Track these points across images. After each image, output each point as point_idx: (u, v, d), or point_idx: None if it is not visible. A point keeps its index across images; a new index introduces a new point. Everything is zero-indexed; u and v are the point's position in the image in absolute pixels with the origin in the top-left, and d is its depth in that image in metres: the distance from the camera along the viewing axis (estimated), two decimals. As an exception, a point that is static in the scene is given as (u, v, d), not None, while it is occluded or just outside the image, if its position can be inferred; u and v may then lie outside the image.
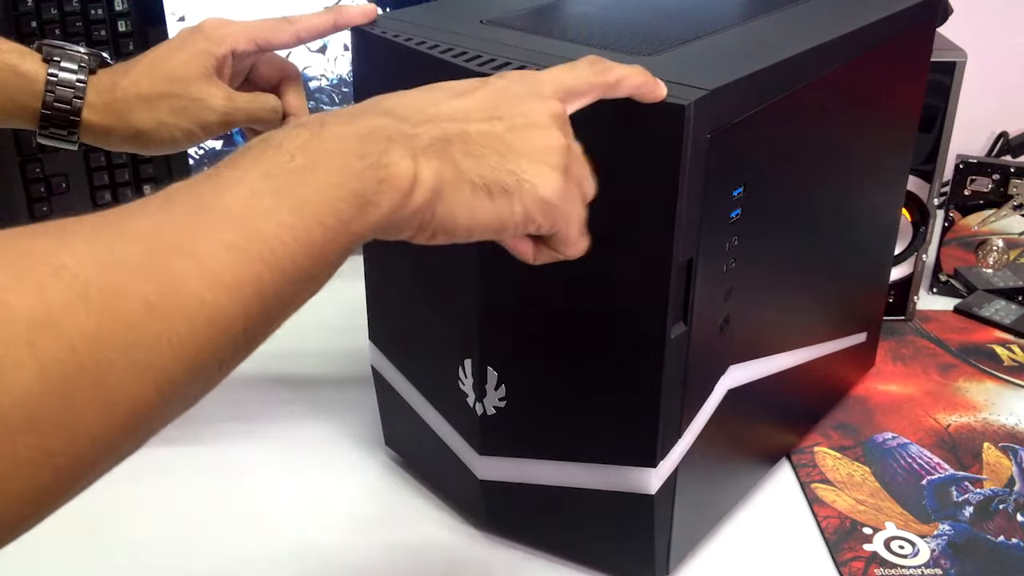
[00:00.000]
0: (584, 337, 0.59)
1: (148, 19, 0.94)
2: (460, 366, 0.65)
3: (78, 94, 0.66)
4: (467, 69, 0.56)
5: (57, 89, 0.65)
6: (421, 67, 0.60)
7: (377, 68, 0.66)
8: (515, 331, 0.62)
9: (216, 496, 0.74)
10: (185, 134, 0.67)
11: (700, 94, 0.51)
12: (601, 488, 0.63)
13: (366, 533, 0.71)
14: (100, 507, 0.70)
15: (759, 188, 0.60)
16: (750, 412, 0.70)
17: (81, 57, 0.67)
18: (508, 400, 0.63)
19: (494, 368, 0.63)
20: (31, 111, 0.66)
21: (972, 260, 1.03)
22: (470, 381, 0.64)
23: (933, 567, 0.68)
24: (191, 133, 0.67)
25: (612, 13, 0.67)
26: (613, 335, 0.58)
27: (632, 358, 0.58)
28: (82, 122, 0.66)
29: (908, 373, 0.90)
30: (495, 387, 0.63)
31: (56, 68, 0.66)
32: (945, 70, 0.87)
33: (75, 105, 0.66)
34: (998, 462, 0.78)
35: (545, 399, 0.63)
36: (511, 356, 0.62)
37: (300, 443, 0.80)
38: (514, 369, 0.62)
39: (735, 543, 0.70)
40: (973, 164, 1.00)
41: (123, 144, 0.68)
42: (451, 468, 0.69)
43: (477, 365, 0.63)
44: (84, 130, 0.67)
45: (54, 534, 0.67)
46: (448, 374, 0.66)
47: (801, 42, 0.60)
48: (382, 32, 0.63)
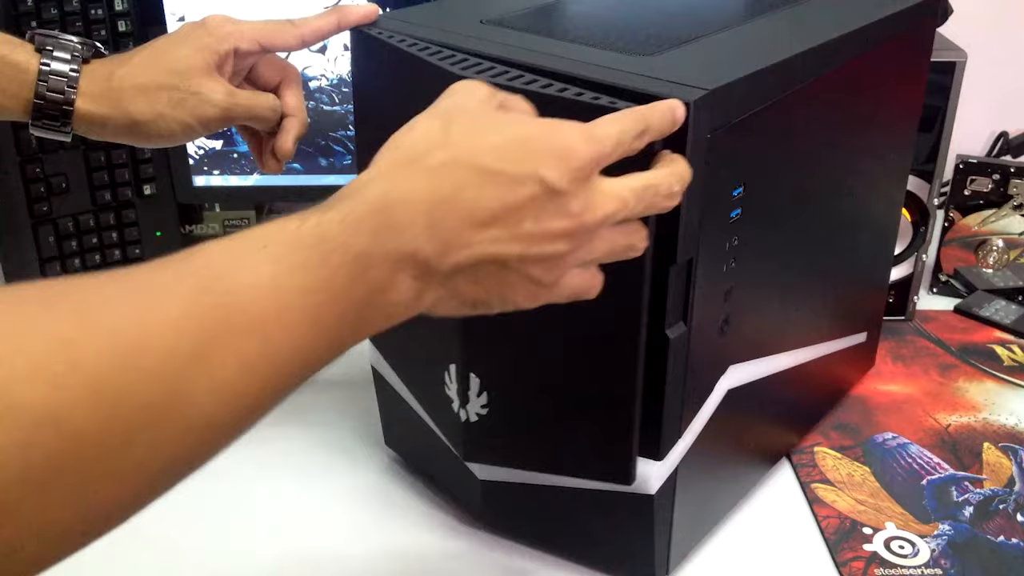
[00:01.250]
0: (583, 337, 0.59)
1: (148, 19, 0.94)
2: (446, 371, 0.65)
3: (71, 83, 0.65)
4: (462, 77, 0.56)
5: (50, 79, 0.64)
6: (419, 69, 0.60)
7: (376, 69, 0.66)
8: (499, 336, 0.61)
9: (216, 496, 0.74)
10: (183, 127, 0.66)
11: (700, 94, 0.51)
12: (601, 488, 0.62)
13: (366, 533, 0.71)
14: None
15: (759, 188, 0.60)
16: (750, 412, 0.70)
17: (74, 47, 0.66)
18: (490, 407, 0.63)
19: (476, 374, 0.63)
20: (23, 102, 0.65)
21: (972, 260, 1.03)
22: (454, 387, 0.65)
23: (933, 567, 0.68)
24: (188, 127, 0.66)
25: (612, 13, 0.67)
26: (613, 335, 0.58)
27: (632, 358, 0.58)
28: (76, 111, 0.65)
29: (908, 373, 0.90)
30: (477, 394, 0.63)
31: (48, 57, 0.65)
32: (945, 70, 0.87)
33: (68, 94, 0.65)
34: (998, 462, 0.78)
35: (530, 406, 0.63)
36: (494, 362, 0.62)
37: (300, 443, 0.80)
38: (497, 375, 0.62)
39: (735, 543, 0.70)
40: (973, 164, 1.00)
41: (118, 135, 0.67)
42: (451, 468, 0.69)
43: (460, 370, 0.63)
44: (78, 120, 0.66)
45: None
46: (436, 378, 0.66)
47: (801, 42, 0.60)
48: (378, 33, 0.63)
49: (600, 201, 0.45)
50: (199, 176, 1.00)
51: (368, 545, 0.70)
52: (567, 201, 0.44)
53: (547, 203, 0.44)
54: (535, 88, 0.53)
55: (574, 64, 0.55)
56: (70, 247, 0.98)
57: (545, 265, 0.45)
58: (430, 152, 0.44)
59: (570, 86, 0.53)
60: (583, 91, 0.52)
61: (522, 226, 0.44)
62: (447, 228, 0.43)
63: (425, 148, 0.44)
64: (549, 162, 0.44)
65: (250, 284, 0.39)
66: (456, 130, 0.45)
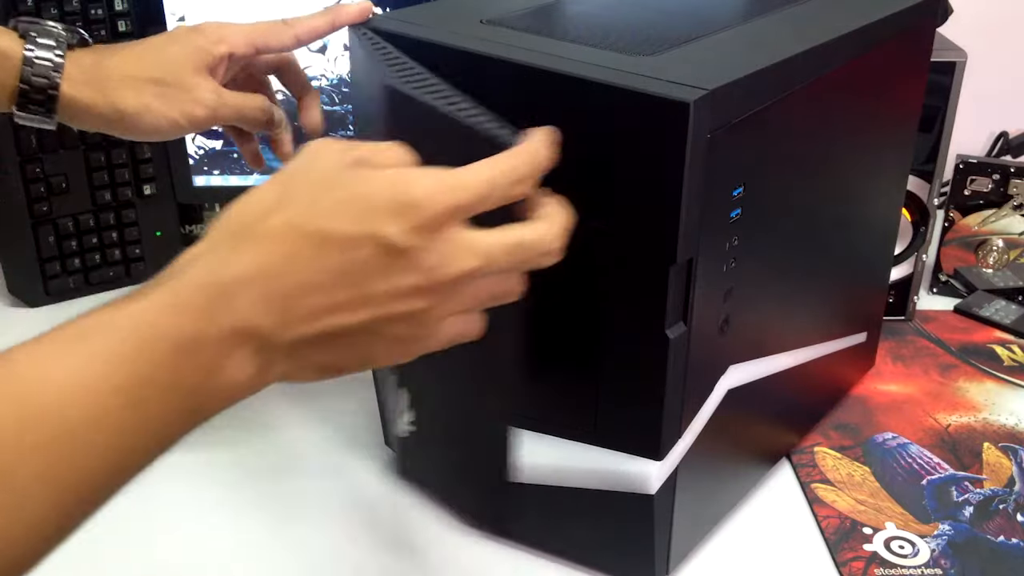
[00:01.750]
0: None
1: (148, 19, 0.94)
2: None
3: (57, 68, 0.64)
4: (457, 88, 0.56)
5: (35, 63, 0.64)
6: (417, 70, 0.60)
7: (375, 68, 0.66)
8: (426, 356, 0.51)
9: (216, 496, 0.74)
10: (170, 123, 0.66)
11: (701, 94, 0.51)
12: (601, 488, 0.63)
13: (366, 533, 0.71)
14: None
15: (759, 188, 0.60)
16: (750, 412, 0.70)
17: (58, 33, 0.65)
18: (416, 425, 0.64)
19: (408, 390, 0.63)
20: (9, 88, 0.64)
21: (972, 260, 1.03)
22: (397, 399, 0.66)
23: (933, 567, 0.68)
24: (176, 123, 0.66)
25: (612, 13, 0.67)
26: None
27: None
28: (61, 96, 0.64)
29: (908, 373, 0.90)
30: (408, 407, 0.64)
31: (33, 44, 0.64)
32: (945, 70, 0.87)
33: (53, 79, 0.64)
34: (998, 462, 0.78)
35: (448, 427, 0.62)
36: (419, 379, 0.62)
37: (300, 443, 0.80)
38: (421, 394, 0.61)
39: (735, 543, 0.70)
40: (973, 164, 1.00)
41: (103, 124, 0.66)
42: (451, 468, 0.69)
43: (397, 383, 0.65)
44: (63, 106, 0.65)
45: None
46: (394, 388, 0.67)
47: (801, 42, 0.60)
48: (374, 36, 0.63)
49: (459, 256, 0.42)
50: (199, 176, 1.00)
51: (368, 545, 0.70)
52: (417, 256, 0.41)
53: (393, 261, 0.41)
54: (449, 108, 0.50)
55: (574, 64, 0.55)
56: (70, 247, 0.98)
57: (410, 323, 0.42)
58: (262, 219, 0.41)
59: (485, 114, 0.49)
60: (492, 120, 0.49)
61: (370, 288, 0.41)
62: (284, 299, 0.40)
63: (257, 215, 0.41)
64: (388, 218, 0.40)
65: (56, 387, 0.36)
66: (293, 193, 0.42)
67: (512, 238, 0.44)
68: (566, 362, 0.62)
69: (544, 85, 0.55)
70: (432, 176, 0.42)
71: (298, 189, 0.42)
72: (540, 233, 0.45)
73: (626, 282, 0.56)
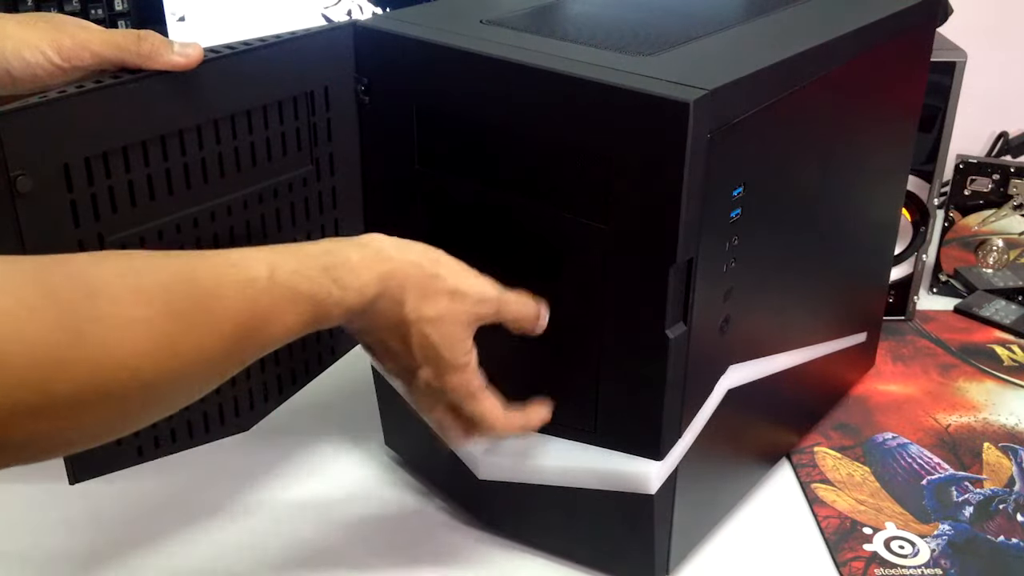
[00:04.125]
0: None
1: (148, 19, 0.94)
2: None
3: None
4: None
5: None
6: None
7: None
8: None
9: (216, 496, 0.74)
10: (48, 60, 0.61)
11: (701, 94, 0.51)
12: (601, 488, 0.63)
13: (366, 533, 0.71)
14: (101, 507, 0.71)
15: (759, 188, 0.60)
16: (750, 412, 0.70)
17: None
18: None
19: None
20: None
21: (972, 260, 1.03)
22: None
23: (933, 567, 0.68)
24: (55, 62, 0.62)
25: (612, 13, 0.67)
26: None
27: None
28: None
29: (908, 373, 0.90)
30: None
31: None
32: (945, 70, 0.87)
33: None
34: (998, 462, 0.78)
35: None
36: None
37: (300, 443, 0.80)
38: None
39: (735, 543, 0.70)
40: (973, 164, 1.00)
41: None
42: (451, 467, 0.69)
43: None
44: None
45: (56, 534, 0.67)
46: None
47: (801, 42, 0.60)
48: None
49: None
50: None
51: (368, 545, 0.70)
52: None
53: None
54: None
55: (574, 64, 0.55)
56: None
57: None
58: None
59: None
60: None
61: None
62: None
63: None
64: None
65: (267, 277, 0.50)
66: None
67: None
68: (566, 362, 0.62)
69: (544, 85, 0.55)
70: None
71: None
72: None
73: (626, 282, 0.56)
